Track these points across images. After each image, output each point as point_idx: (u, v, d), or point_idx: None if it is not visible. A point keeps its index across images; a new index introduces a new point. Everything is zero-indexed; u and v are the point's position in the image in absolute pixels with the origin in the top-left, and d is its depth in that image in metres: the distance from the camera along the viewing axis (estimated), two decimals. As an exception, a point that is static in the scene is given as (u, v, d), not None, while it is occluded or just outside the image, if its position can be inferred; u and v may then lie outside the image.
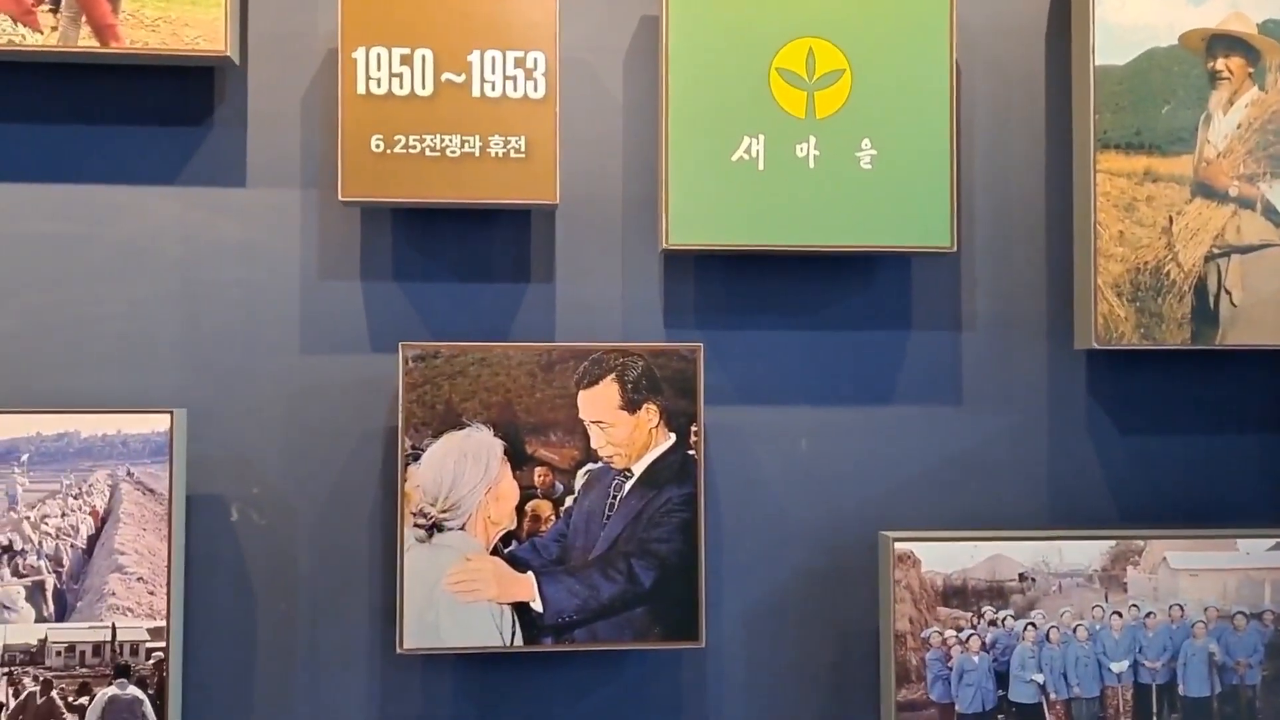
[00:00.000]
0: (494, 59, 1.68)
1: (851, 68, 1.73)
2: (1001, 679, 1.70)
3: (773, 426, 1.80)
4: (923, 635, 1.69)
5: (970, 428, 1.83)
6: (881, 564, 1.73)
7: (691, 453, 1.68)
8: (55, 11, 1.61)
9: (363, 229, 1.75)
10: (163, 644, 1.59)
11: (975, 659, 1.70)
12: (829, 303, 1.81)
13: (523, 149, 1.67)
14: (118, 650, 1.58)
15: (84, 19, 1.61)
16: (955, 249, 1.74)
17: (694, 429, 1.68)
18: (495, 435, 1.66)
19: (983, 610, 1.70)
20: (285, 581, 1.72)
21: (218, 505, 1.71)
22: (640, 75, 1.79)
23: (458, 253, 1.77)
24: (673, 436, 1.69)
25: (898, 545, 1.70)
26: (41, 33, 1.61)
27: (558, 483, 1.67)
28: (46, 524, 1.59)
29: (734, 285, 1.80)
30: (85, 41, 1.62)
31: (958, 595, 1.70)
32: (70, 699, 1.57)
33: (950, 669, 1.69)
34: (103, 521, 1.60)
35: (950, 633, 1.70)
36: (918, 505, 1.81)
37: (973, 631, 1.70)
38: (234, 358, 1.73)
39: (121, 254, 1.71)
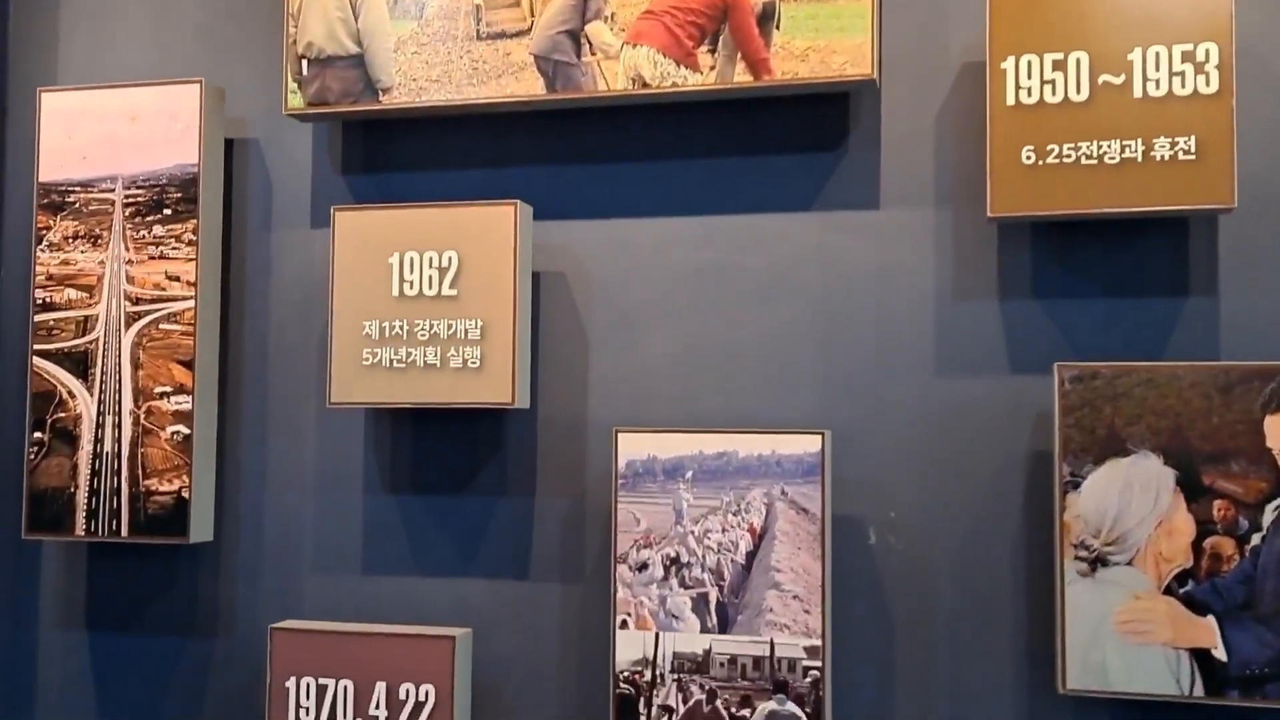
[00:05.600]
0: (1158, 55, 1.55)
1: None
2: None
3: None
4: None
5: None
6: None
7: None
8: (713, 52, 1.70)
9: (1000, 246, 1.69)
10: (818, 663, 1.61)
11: None
12: None
13: (1192, 150, 1.53)
14: (776, 666, 1.62)
15: (739, 56, 1.69)
16: None
17: None
18: (1165, 463, 1.52)
19: None
20: (925, 609, 1.68)
21: (857, 527, 1.71)
22: (1322, 59, 1.59)
23: (1104, 266, 1.65)
24: (1388, 469, 1.45)
25: None
26: (701, 73, 1.71)
27: (1241, 518, 1.50)
28: (709, 539, 1.66)
29: None
30: (740, 77, 1.69)
31: None
32: (733, 710, 1.63)
33: None
34: (760, 538, 1.65)
35: None
36: None
37: None
38: (870, 380, 1.72)
39: (764, 280, 1.77)
